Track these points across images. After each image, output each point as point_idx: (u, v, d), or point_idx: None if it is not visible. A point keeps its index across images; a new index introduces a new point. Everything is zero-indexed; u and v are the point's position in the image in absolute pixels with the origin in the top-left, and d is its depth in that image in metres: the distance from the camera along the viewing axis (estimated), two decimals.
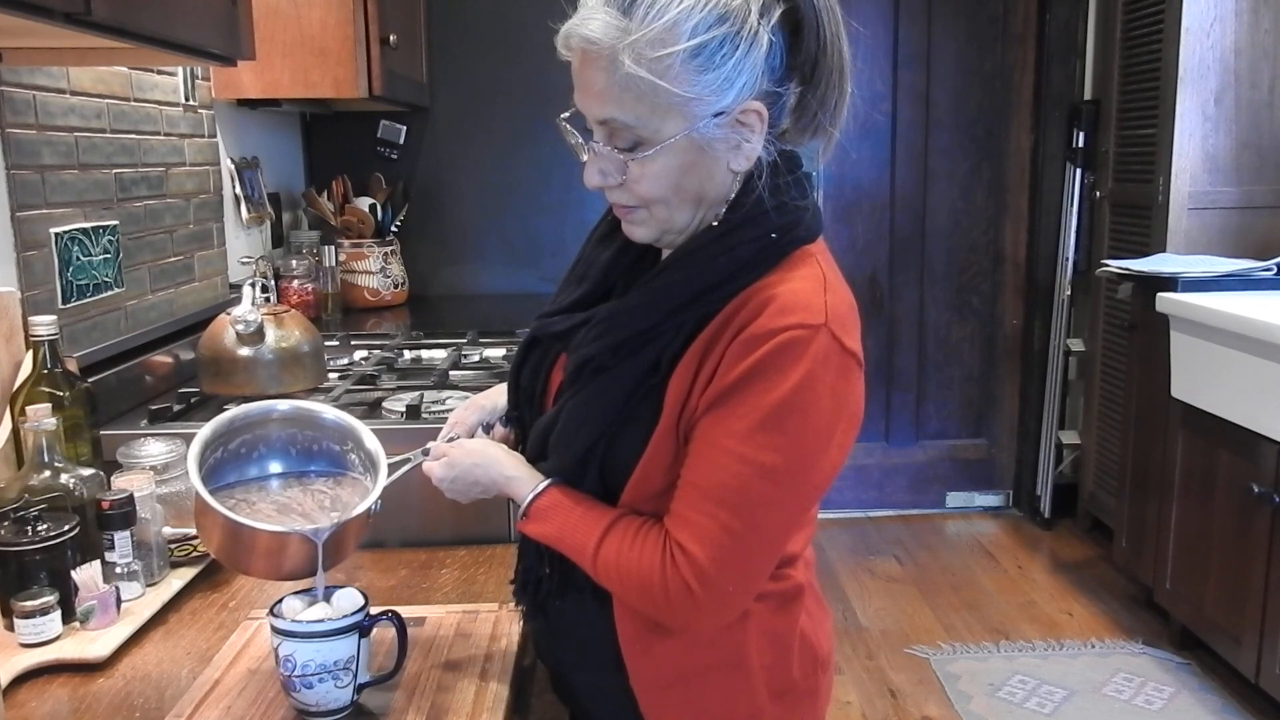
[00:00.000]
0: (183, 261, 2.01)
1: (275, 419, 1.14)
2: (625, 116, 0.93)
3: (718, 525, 0.93)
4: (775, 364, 0.91)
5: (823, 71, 0.97)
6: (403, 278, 2.94)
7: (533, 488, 1.02)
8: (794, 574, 1.07)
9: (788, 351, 0.91)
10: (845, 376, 0.94)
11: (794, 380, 0.90)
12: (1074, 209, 3.71)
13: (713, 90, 0.92)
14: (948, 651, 2.96)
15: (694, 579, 0.93)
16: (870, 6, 3.76)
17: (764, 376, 0.91)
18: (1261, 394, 2.44)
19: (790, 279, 0.95)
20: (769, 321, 0.92)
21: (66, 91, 1.60)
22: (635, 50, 0.90)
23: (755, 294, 0.94)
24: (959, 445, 4.07)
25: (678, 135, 0.93)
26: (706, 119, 0.93)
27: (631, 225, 1.01)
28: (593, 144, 0.98)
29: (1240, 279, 2.78)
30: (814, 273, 0.97)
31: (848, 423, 0.96)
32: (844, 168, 3.85)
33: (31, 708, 1.06)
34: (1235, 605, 2.56)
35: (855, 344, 0.95)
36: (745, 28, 0.91)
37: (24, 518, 1.18)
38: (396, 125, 3.11)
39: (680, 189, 0.96)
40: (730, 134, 0.95)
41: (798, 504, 0.97)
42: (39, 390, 1.32)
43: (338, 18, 2.19)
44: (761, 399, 0.91)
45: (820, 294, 0.94)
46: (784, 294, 0.94)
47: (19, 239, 1.48)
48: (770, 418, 0.91)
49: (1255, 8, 3.00)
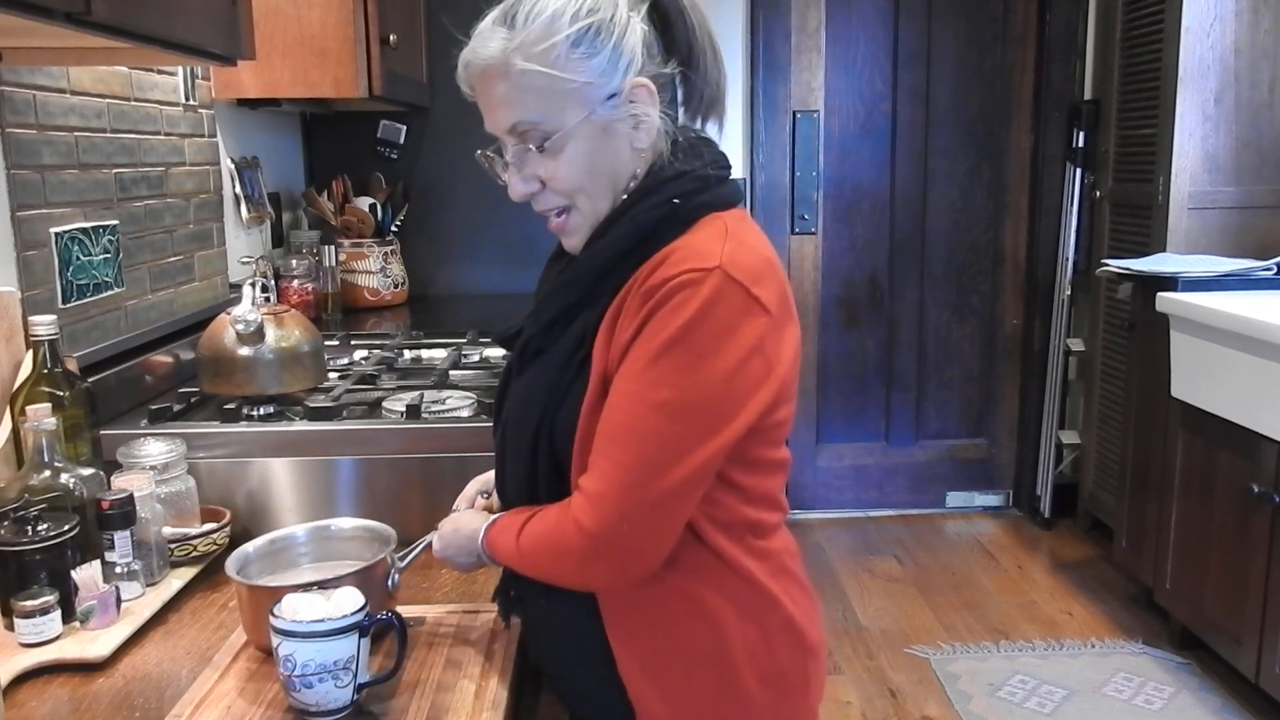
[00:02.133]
0: (183, 261, 2.01)
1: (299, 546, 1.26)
2: (529, 115, 1.01)
3: (609, 461, 0.96)
4: (665, 305, 0.95)
5: (698, 54, 1.06)
6: (403, 278, 2.94)
7: (484, 523, 1.09)
8: (772, 549, 1.09)
9: (677, 293, 0.95)
10: (747, 315, 0.95)
11: (683, 318, 0.94)
12: (1074, 209, 3.71)
13: (600, 73, 1.00)
14: (948, 651, 2.96)
15: (586, 515, 0.96)
16: (870, 6, 3.76)
17: (655, 320, 0.95)
18: (1261, 394, 2.44)
19: (700, 238, 1.00)
20: (665, 271, 0.96)
21: (66, 91, 1.60)
22: (524, 50, 1.00)
23: (660, 256, 0.99)
24: (959, 445, 4.07)
25: (580, 120, 1.01)
26: (602, 102, 1.01)
27: (566, 234, 1.08)
28: (510, 158, 1.05)
29: (1240, 279, 2.78)
30: (717, 229, 1.01)
31: (763, 368, 0.97)
32: (844, 168, 3.85)
33: (31, 708, 1.06)
34: (1235, 605, 2.56)
35: (763, 291, 0.97)
36: (616, 14, 1.01)
37: (24, 518, 1.18)
38: (396, 125, 3.11)
39: (594, 173, 1.03)
40: (626, 113, 1.02)
41: (698, 437, 0.96)
42: (39, 390, 1.32)
43: (338, 18, 2.19)
44: (652, 340, 0.95)
45: (717, 242, 0.98)
46: (681, 248, 0.98)
47: (19, 239, 1.48)
48: (659, 354, 0.94)
49: (1255, 8, 3.00)
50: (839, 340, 3.97)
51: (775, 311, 0.98)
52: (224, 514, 1.43)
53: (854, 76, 3.81)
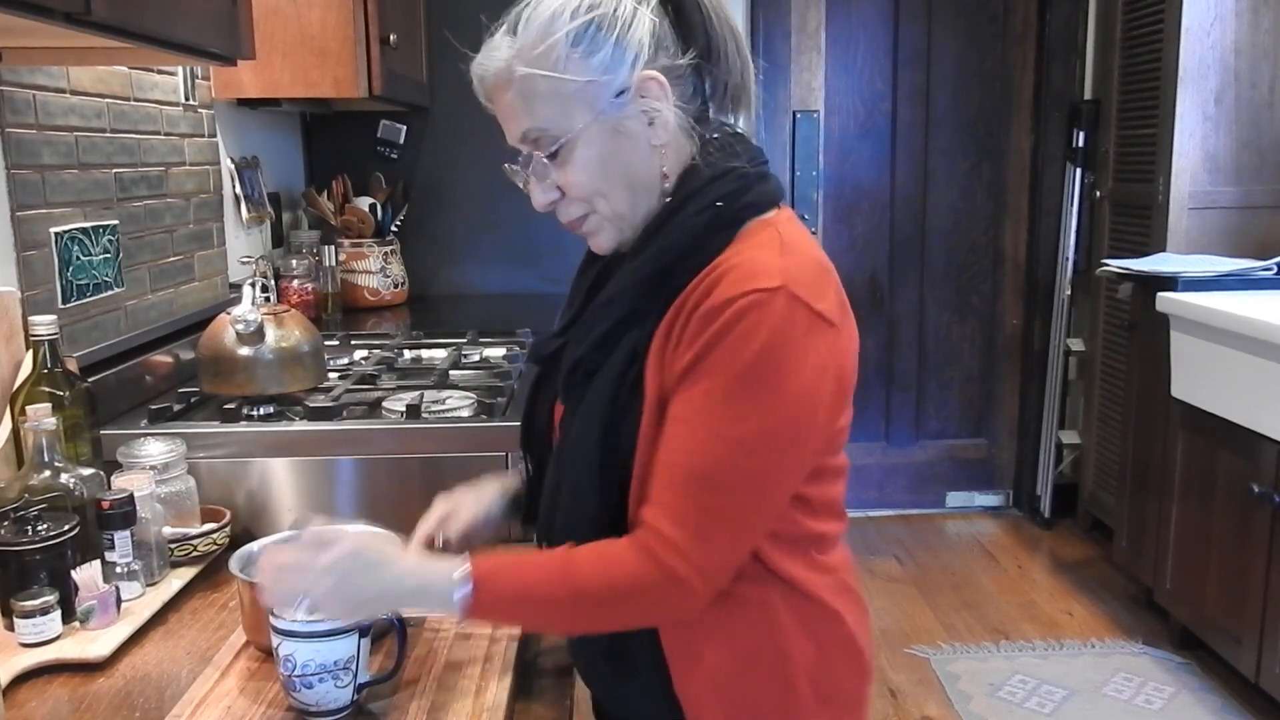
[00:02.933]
0: (183, 261, 2.01)
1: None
2: (537, 121, 0.98)
3: (693, 503, 0.91)
4: (734, 332, 0.90)
5: (717, 43, 1.01)
6: (403, 278, 2.94)
7: (454, 567, 0.94)
8: (833, 565, 1.05)
9: (745, 318, 0.90)
10: (815, 334, 0.92)
11: (756, 346, 0.89)
12: (1074, 209, 3.71)
13: (604, 70, 0.96)
14: (948, 651, 2.96)
15: (679, 562, 0.91)
16: (870, 6, 3.76)
17: (724, 346, 0.90)
18: (1261, 394, 2.44)
19: (746, 249, 0.95)
20: (725, 291, 0.91)
21: (66, 91, 1.60)
22: (524, 55, 0.97)
23: (714, 269, 0.94)
24: (959, 445, 4.07)
25: (588, 122, 0.97)
26: (609, 100, 0.97)
27: (592, 237, 1.04)
28: (528, 169, 1.02)
29: (1240, 279, 2.78)
30: (770, 238, 0.96)
31: (833, 383, 0.94)
32: (844, 168, 3.85)
33: (31, 708, 1.06)
34: (1235, 605, 2.56)
35: (825, 304, 0.93)
36: (620, 7, 0.96)
37: (24, 518, 1.18)
38: (396, 125, 3.11)
39: (609, 176, 0.99)
40: (637, 110, 0.98)
41: (782, 472, 0.94)
42: (39, 390, 1.32)
43: (338, 18, 2.19)
44: (724, 369, 0.90)
45: (776, 257, 0.93)
46: (740, 263, 0.93)
47: (19, 239, 1.48)
48: (735, 387, 0.90)
49: (1255, 8, 3.00)
50: None
51: (838, 321, 0.95)
52: (224, 514, 1.43)
53: (854, 76, 3.80)
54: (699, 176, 0.99)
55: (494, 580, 0.94)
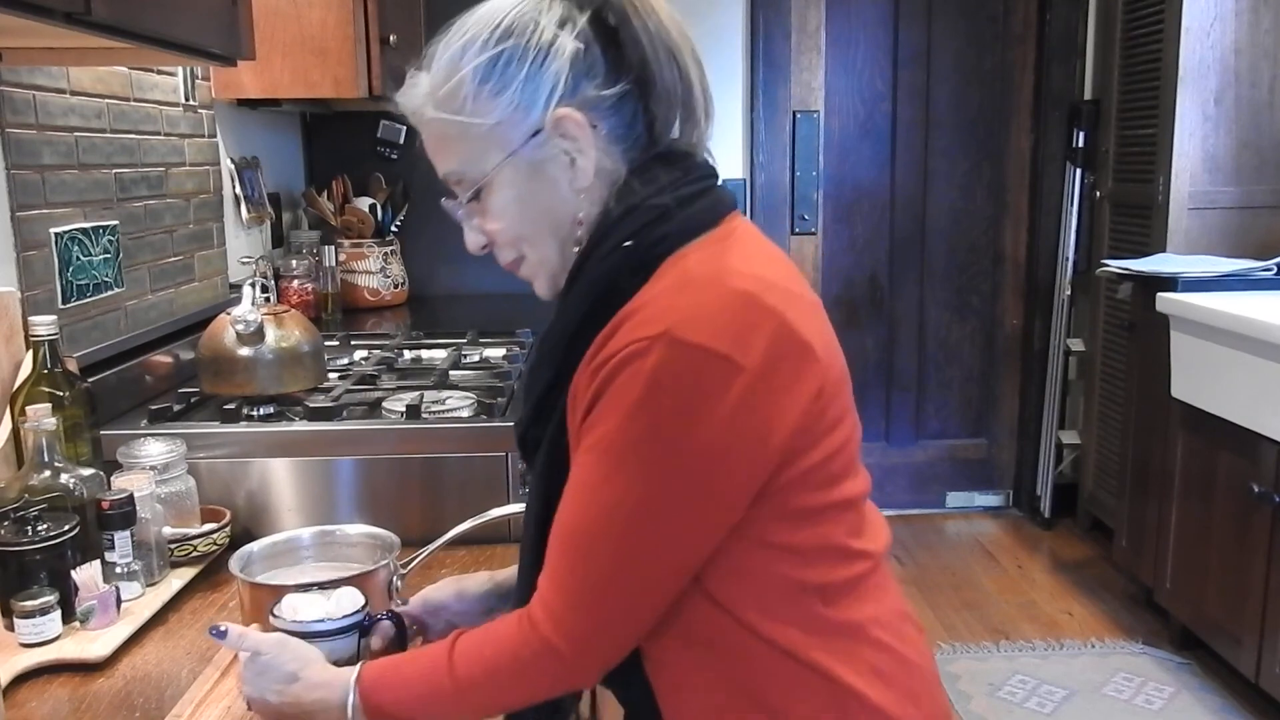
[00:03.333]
0: (183, 261, 2.01)
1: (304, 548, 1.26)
2: (452, 165, 0.93)
3: (569, 568, 0.85)
4: (610, 389, 0.82)
5: (654, 65, 0.90)
6: (403, 278, 2.94)
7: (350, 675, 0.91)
8: (855, 621, 0.91)
9: (620, 374, 0.81)
10: (710, 382, 0.80)
11: (629, 401, 0.81)
12: (1074, 209, 3.71)
13: (513, 109, 0.89)
14: (948, 651, 2.96)
15: (552, 630, 0.84)
16: (870, 6, 3.76)
17: (601, 405, 0.83)
18: (1261, 394, 2.44)
19: (652, 291, 0.85)
20: (614, 345, 0.83)
21: (66, 91, 1.60)
22: (433, 96, 0.92)
23: (619, 317, 0.85)
24: (959, 445, 4.07)
25: (500, 164, 0.90)
26: (522, 141, 0.89)
27: (533, 283, 0.97)
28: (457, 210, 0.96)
29: (1240, 279, 2.78)
30: (675, 276, 0.86)
31: (739, 432, 0.81)
32: (844, 168, 3.85)
33: (31, 708, 1.06)
34: (1235, 605, 2.56)
35: (732, 343, 0.80)
36: (534, 39, 0.88)
37: (24, 518, 1.18)
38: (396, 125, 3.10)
39: (530, 220, 0.92)
40: (556, 150, 0.90)
41: (671, 537, 0.83)
42: (39, 390, 1.32)
43: (338, 18, 2.19)
44: (600, 429, 0.83)
45: (672, 297, 0.83)
46: (640, 309, 0.84)
47: (19, 239, 1.48)
48: (608, 444, 0.82)
49: (1255, 8, 3.00)
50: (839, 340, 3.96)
51: (758, 358, 0.80)
52: (224, 514, 1.42)
53: (854, 76, 3.80)
54: (607, 216, 0.90)
55: (378, 685, 0.90)
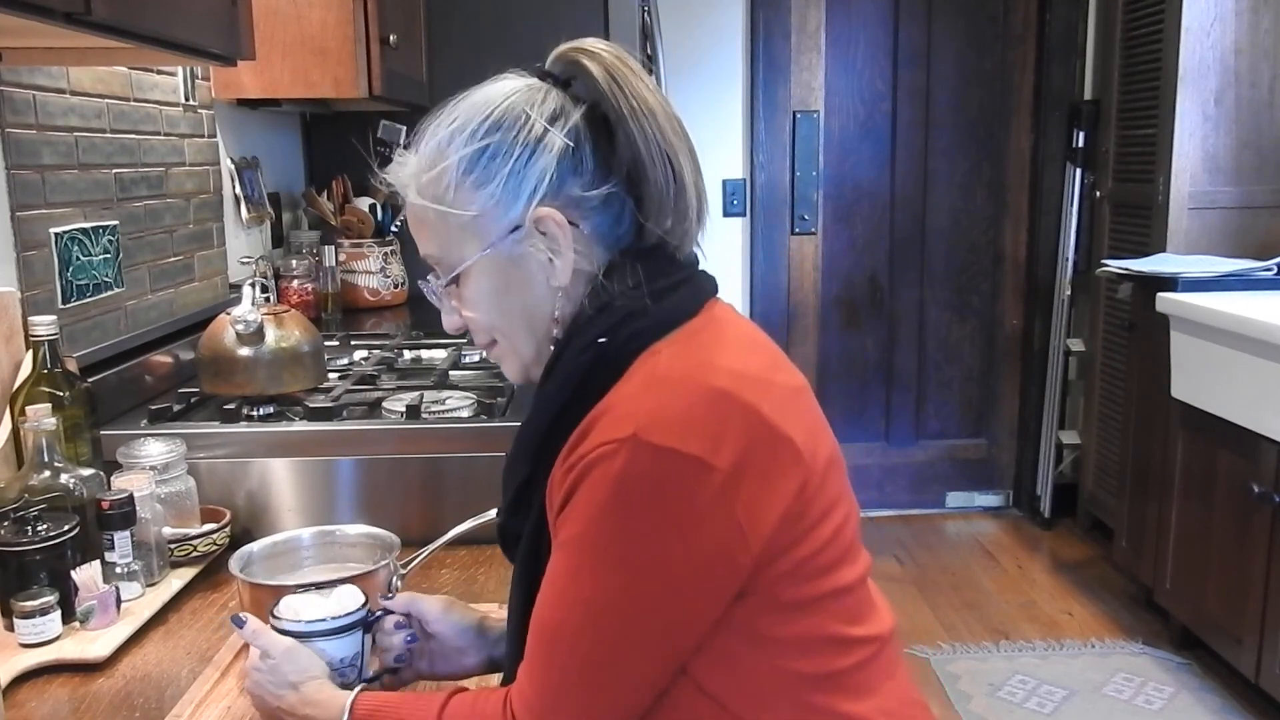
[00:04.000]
0: (183, 261, 2.01)
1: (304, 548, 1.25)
2: (431, 249, 0.93)
3: (546, 664, 0.83)
4: (579, 490, 0.82)
5: (645, 165, 0.88)
6: (403, 278, 2.94)
7: (347, 698, 0.92)
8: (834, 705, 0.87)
9: (589, 475, 0.81)
10: (679, 484, 0.79)
11: (598, 504, 0.80)
12: (1074, 209, 3.71)
13: (494, 203, 0.88)
14: (948, 651, 2.96)
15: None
16: (870, 6, 3.76)
17: (572, 505, 0.82)
18: (1261, 394, 2.44)
19: (623, 389, 0.85)
20: (585, 446, 0.82)
21: (66, 91, 1.60)
22: (418, 180, 0.92)
23: (592, 415, 0.84)
24: (959, 445, 4.07)
25: (478, 255, 0.90)
26: (501, 236, 0.88)
27: (500, 365, 0.97)
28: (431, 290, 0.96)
29: (1240, 279, 2.78)
30: (649, 372, 0.85)
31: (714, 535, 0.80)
32: (844, 168, 3.85)
33: (31, 708, 1.06)
34: (1235, 605, 2.56)
35: (704, 443, 0.79)
36: (523, 133, 0.87)
37: (24, 518, 1.18)
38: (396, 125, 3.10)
39: (505, 312, 0.92)
40: (534, 247, 0.88)
41: (645, 637, 0.82)
42: (39, 390, 1.32)
43: (338, 18, 2.19)
44: (572, 528, 0.82)
45: (640, 398, 0.82)
46: (610, 409, 0.83)
47: (19, 239, 1.48)
48: (579, 544, 0.82)
49: (1255, 8, 3.00)
50: (839, 340, 3.97)
51: (731, 456, 0.79)
52: (224, 514, 1.43)
53: (854, 76, 3.81)
54: (580, 314, 0.90)
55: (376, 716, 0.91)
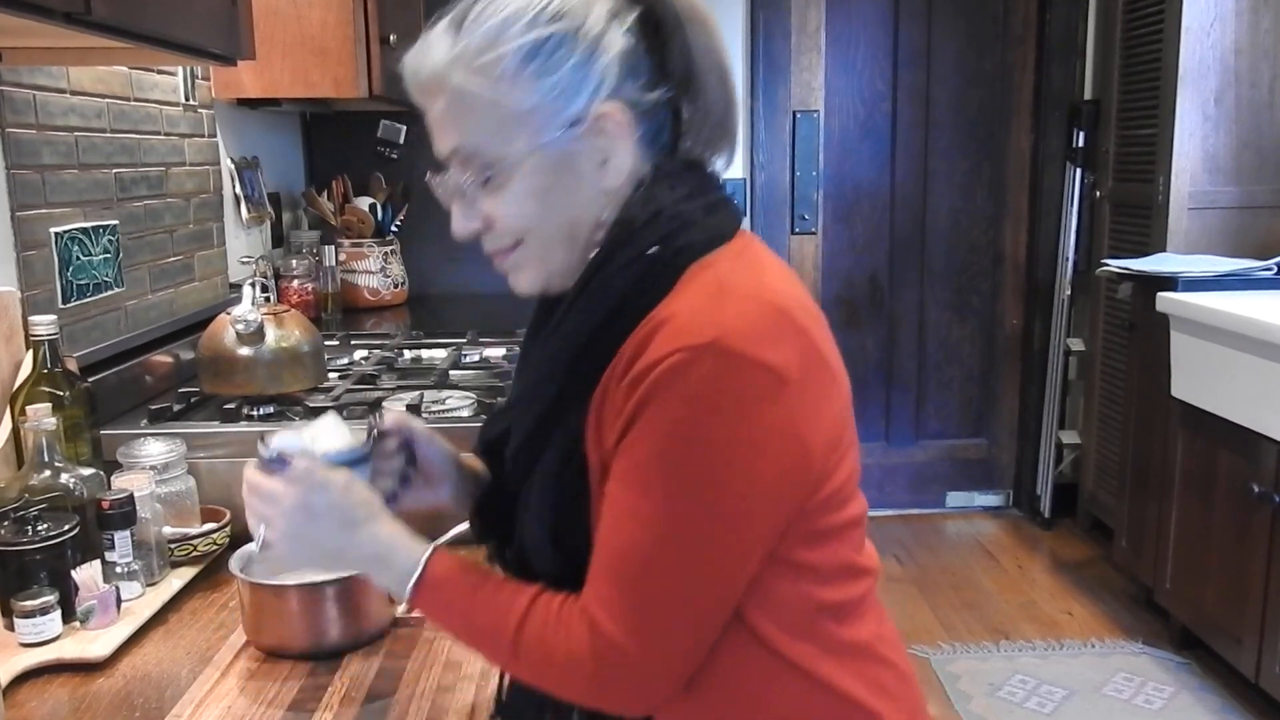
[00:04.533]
0: (183, 261, 2.01)
1: None
2: (468, 140, 0.85)
3: (623, 594, 0.79)
4: (656, 399, 0.77)
5: (699, 78, 0.86)
6: (403, 277, 2.94)
7: (422, 552, 0.86)
8: (862, 640, 0.89)
9: (668, 383, 0.77)
10: (759, 392, 0.77)
11: (680, 416, 0.77)
12: (1074, 209, 3.71)
13: (556, 96, 0.82)
14: (948, 651, 2.96)
15: (618, 660, 0.79)
16: (870, 6, 3.76)
17: (646, 417, 0.78)
18: (1261, 394, 2.44)
19: (683, 299, 0.81)
20: (653, 353, 0.78)
21: (66, 91, 1.60)
22: (465, 61, 0.83)
23: (646, 326, 0.80)
24: (959, 445, 4.07)
25: (527, 152, 0.83)
26: (558, 130, 0.83)
27: (513, 274, 0.90)
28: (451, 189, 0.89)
29: (1240, 279, 2.78)
30: (707, 283, 0.82)
31: (784, 447, 0.79)
32: (844, 168, 3.85)
33: (31, 708, 1.06)
34: (1235, 605, 2.56)
35: (776, 355, 0.78)
36: (586, 27, 0.82)
37: (24, 518, 1.18)
38: (396, 125, 3.11)
39: (545, 215, 0.86)
40: (590, 146, 0.84)
41: (723, 556, 0.80)
42: (39, 390, 1.32)
43: (338, 17, 2.19)
44: (646, 444, 0.78)
45: (711, 303, 0.79)
46: (671, 317, 0.79)
47: (19, 239, 1.48)
48: (658, 464, 0.78)
49: (1255, 8, 3.00)
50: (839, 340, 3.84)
51: (798, 373, 0.79)
52: (224, 514, 1.42)
53: (854, 76, 3.80)
54: (629, 221, 0.85)
55: (445, 587, 0.85)
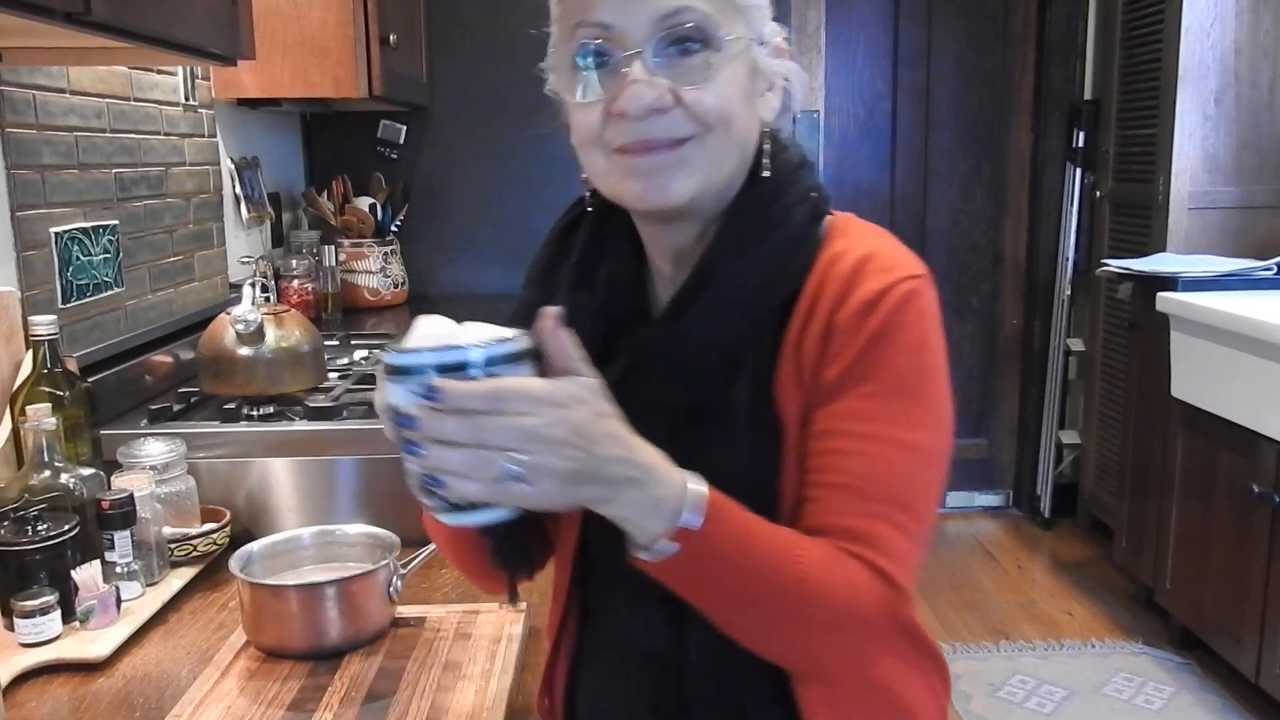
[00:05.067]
0: (183, 261, 2.01)
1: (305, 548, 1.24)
2: (703, 8, 0.78)
3: (892, 528, 0.76)
4: (897, 324, 0.78)
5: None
6: (403, 277, 2.94)
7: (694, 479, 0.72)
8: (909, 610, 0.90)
9: (907, 308, 0.79)
10: (939, 322, 0.83)
11: (917, 338, 0.79)
12: (1074, 209, 3.71)
13: (765, 5, 0.83)
14: (948, 651, 2.95)
15: (892, 595, 0.76)
16: (870, 6, 3.76)
17: (889, 342, 0.78)
18: (1261, 394, 2.44)
19: (863, 238, 0.83)
20: (874, 284, 0.79)
21: (66, 91, 1.60)
22: None
23: (833, 264, 0.81)
24: (959, 445, 4.06)
25: (741, 45, 0.80)
26: (758, 38, 0.82)
27: (670, 173, 0.79)
28: (635, 58, 0.78)
29: (1240, 279, 2.78)
30: (865, 227, 0.85)
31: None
32: (844, 168, 3.85)
33: (31, 708, 1.06)
34: (1235, 605, 2.56)
35: None
36: None
37: (24, 518, 1.18)
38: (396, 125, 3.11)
39: (737, 114, 0.81)
40: (768, 68, 0.84)
41: (945, 470, 0.82)
42: (39, 390, 1.32)
43: (338, 17, 2.19)
44: (889, 371, 0.78)
45: (896, 245, 0.84)
46: (875, 252, 0.81)
47: (19, 239, 1.48)
48: (906, 389, 0.79)
49: (1255, 8, 3.00)
50: None
51: None
52: (224, 514, 1.42)
53: (854, 76, 3.81)
54: (789, 159, 0.86)
55: (727, 513, 0.72)
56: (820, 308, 0.79)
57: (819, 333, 0.79)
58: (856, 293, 0.78)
